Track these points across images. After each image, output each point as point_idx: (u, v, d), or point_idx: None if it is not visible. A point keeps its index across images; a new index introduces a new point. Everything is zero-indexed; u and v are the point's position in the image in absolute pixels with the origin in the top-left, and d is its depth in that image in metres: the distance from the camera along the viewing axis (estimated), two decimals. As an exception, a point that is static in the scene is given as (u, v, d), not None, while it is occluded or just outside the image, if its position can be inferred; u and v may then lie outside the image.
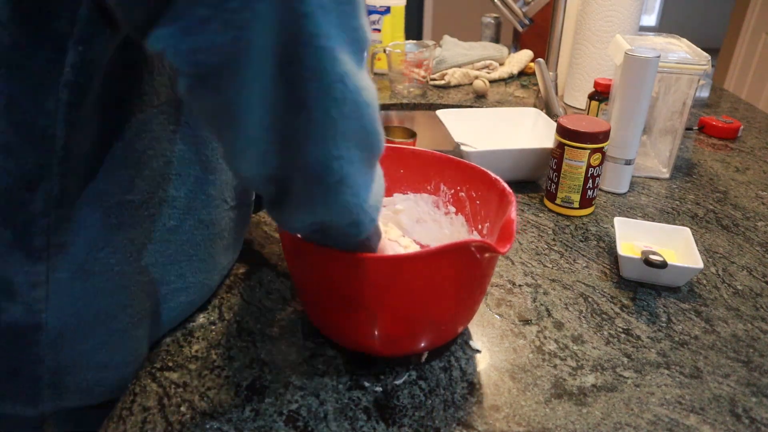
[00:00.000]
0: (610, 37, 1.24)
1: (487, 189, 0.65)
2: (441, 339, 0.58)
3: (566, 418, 0.51)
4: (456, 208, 0.70)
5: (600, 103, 1.09)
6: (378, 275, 0.50)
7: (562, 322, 0.64)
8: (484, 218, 0.66)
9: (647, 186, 0.97)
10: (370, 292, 0.52)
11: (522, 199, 0.92)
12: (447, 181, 0.70)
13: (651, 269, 0.68)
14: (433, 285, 0.52)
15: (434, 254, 0.49)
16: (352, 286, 0.51)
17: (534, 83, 1.56)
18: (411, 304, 0.53)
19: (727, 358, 0.59)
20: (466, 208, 0.69)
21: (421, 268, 0.50)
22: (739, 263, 0.76)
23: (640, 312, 0.66)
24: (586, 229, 0.83)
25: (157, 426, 0.50)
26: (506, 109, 1.07)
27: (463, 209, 0.70)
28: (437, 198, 0.72)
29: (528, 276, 0.72)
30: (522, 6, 1.44)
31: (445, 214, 0.72)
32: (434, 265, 0.51)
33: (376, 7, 1.53)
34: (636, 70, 0.85)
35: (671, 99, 0.97)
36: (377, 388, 0.54)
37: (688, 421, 0.51)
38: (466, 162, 0.68)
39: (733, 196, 0.94)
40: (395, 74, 1.39)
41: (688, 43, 0.99)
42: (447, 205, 0.71)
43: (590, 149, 0.82)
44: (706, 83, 1.54)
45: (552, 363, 0.58)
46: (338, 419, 0.51)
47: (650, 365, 0.58)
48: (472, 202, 0.68)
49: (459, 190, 0.69)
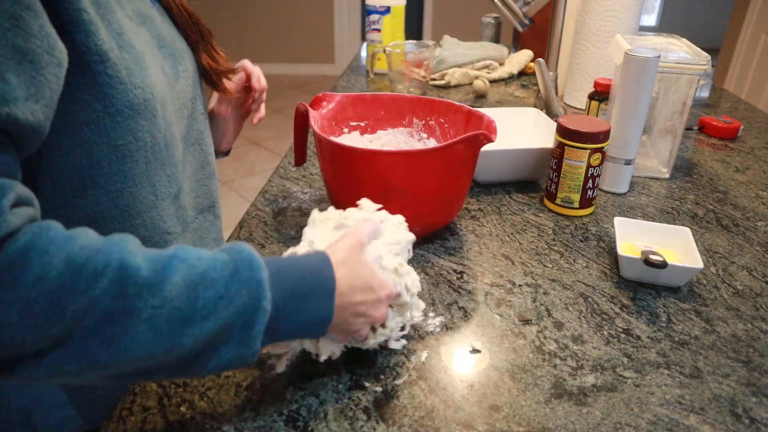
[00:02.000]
0: (610, 37, 1.24)
1: (453, 114, 0.86)
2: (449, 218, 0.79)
3: (566, 418, 0.51)
4: (428, 134, 0.90)
5: (600, 103, 1.09)
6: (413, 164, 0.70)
7: (562, 322, 0.64)
8: (453, 136, 0.85)
9: (647, 186, 0.97)
10: (408, 179, 0.70)
11: (522, 199, 0.92)
12: (418, 115, 0.90)
13: (651, 269, 0.68)
14: (452, 168, 0.72)
15: (457, 143, 0.69)
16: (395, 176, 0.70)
17: (534, 83, 1.56)
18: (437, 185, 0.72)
19: (727, 358, 0.59)
20: (436, 132, 0.89)
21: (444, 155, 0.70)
22: (739, 263, 0.76)
23: (640, 312, 0.66)
24: (586, 229, 0.83)
25: (157, 426, 0.50)
26: (506, 109, 1.07)
27: (434, 134, 0.89)
28: (411, 129, 0.91)
29: (528, 276, 0.72)
30: (522, 6, 1.44)
31: (418, 140, 0.90)
32: (454, 152, 0.70)
33: (376, 7, 1.53)
34: (636, 70, 0.85)
35: (671, 99, 0.97)
36: (377, 388, 0.54)
37: (688, 421, 0.51)
38: (432, 98, 0.88)
39: (733, 196, 0.94)
40: (395, 74, 1.38)
41: (688, 43, 0.99)
42: (420, 133, 0.90)
43: (590, 149, 0.82)
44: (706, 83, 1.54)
45: (552, 363, 0.58)
46: (338, 419, 0.51)
47: (650, 365, 0.58)
48: (441, 126, 0.88)
49: (429, 120, 0.89)
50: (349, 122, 0.89)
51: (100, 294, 0.38)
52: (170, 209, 0.62)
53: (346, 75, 1.64)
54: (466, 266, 0.74)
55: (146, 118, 0.55)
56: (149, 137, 0.56)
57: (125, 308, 0.38)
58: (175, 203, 0.63)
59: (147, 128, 0.55)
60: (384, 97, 0.90)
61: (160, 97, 0.57)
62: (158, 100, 0.56)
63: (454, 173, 0.74)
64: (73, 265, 0.37)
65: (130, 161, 0.55)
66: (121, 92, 0.52)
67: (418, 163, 0.70)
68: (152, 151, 0.57)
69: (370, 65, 1.56)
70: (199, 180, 0.70)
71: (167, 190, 0.61)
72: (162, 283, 0.39)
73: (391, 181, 0.70)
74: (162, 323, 0.39)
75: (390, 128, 0.91)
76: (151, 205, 0.59)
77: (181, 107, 0.64)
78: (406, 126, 0.91)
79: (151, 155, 0.57)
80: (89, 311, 0.37)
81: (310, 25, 4.85)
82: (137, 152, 0.55)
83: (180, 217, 0.64)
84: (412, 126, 0.90)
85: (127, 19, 0.55)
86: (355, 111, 0.89)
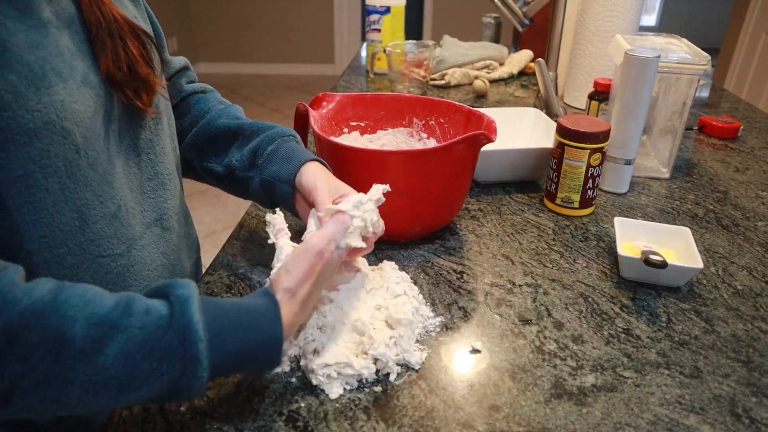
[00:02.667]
0: (610, 37, 1.24)
1: (453, 114, 0.85)
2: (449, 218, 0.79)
3: (566, 418, 0.51)
4: (428, 134, 0.90)
5: (600, 103, 1.09)
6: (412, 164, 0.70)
7: (562, 322, 0.64)
8: (453, 136, 0.85)
9: (647, 186, 0.97)
10: (408, 179, 0.70)
11: (522, 199, 0.92)
12: (418, 115, 0.89)
13: (651, 269, 0.68)
14: (453, 168, 0.73)
15: (457, 143, 0.69)
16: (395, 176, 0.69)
17: (534, 83, 1.56)
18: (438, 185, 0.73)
19: (727, 358, 0.59)
20: (436, 132, 0.89)
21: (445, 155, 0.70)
22: (739, 263, 0.76)
23: (640, 312, 0.66)
24: (586, 229, 0.83)
25: (157, 426, 0.50)
26: (506, 109, 1.07)
27: (434, 134, 0.89)
28: (411, 129, 0.91)
29: (528, 276, 0.72)
30: (522, 6, 1.44)
31: (419, 140, 0.90)
32: (455, 152, 0.70)
33: (376, 7, 1.53)
34: (636, 70, 0.85)
35: (671, 99, 0.97)
36: (377, 388, 0.54)
37: (688, 421, 0.51)
38: (432, 98, 0.87)
39: (733, 196, 0.94)
40: (395, 74, 1.38)
41: (688, 43, 0.99)
42: (420, 133, 0.90)
43: (590, 149, 0.82)
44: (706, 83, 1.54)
45: (552, 363, 0.58)
46: (338, 419, 0.51)
47: (650, 365, 0.58)
48: (441, 126, 0.88)
49: (429, 120, 0.89)
50: (349, 122, 0.89)
51: (36, 362, 0.39)
52: (106, 231, 0.56)
53: (346, 75, 1.64)
54: (466, 266, 0.74)
55: (51, 142, 0.48)
56: (61, 162, 0.50)
57: (61, 374, 0.40)
58: (114, 222, 0.57)
59: (54, 152, 0.49)
60: (384, 97, 0.90)
61: (74, 114, 0.50)
62: (69, 119, 0.49)
63: (454, 173, 0.74)
64: (11, 334, 0.39)
65: (38, 191, 0.49)
66: (7, 119, 0.45)
67: (417, 163, 0.70)
68: (69, 175, 0.51)
69: (370, 65, 1.56)
70: (145, 192, 0.63)
71: (99, 212, 0.55)
72: (97, 355, 0.41)
73: (390, 181, 0.70)
74: (99, 389, 0.41)
75: (390, 128, 0.91)
76: (77, 231, 0.53)
77: (120, 116, 0.58)
78: (406, 126, 0.91)
79: (68, 179, 0.51)
80: (27, 375, 0.40)
81: (310, 25, 4.86)
82: (46, 180, 0.49)
83: (122, 237, 0.58)
84: (412, 126, 0.90)
85: (23, 30, 0.47)
86: (355, 111, 0.89)
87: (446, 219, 0.79)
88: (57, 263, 0.52)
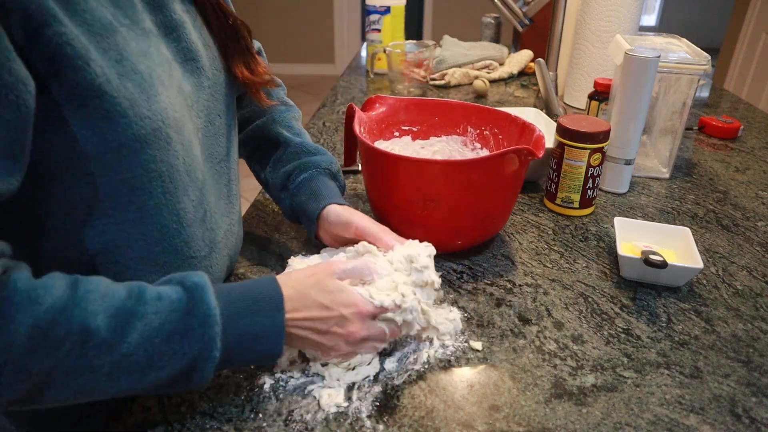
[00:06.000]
0: (610, 37, 1.24)
1: (508, 125, 0.82)
2: (491, 233, 0.77)
3: (566, 418, 0.51)
4: (481, 144, 0.86)
5: (600, 103, 1.09)
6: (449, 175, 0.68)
7: (562, 322, 0.64)
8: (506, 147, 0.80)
9: (647, 186, 0.97)
10: (445, 190, 0.68)
11: (522, 199, 0.92)
12: (473, 124, 0.86)
13: (651, 269, 0.68)
14: (494, 182, 0.70)
15: (499, 155, 0.66)
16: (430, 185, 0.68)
17: (534, 83, 1.56)
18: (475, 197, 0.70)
19: (727, 358, 0.59)
20: (490, 143, 0.85)
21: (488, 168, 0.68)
22: (739, 263, 0.76)
23: (640, 312, 0.66)
24: (586, 229, 0.83)
25: (157, 426, 0.50)
26: (506, 109, 1.06)
27: (487, 144, 0.86)
28: (465, 138, 0.87)
29: (528, 276, 0.72)
30: (522, 6, 1.44)
31: (471, 150, 0.87)
32: (494, 165, 0.68)
33: (376, 7, 1.53)
34: (636, 70, 0.85)
35: (671, 99, 0.97)
36: (377, 388, 0.54)
37: (688, 421, 0.51)
38: (489, 107, 0.85)
39: (733, 196, 0.94)
40: (395, 74, 1.39)
41: (688, 43, 0.99)
42: (473, 143, 0.87)
43: (590, 149, 0.82)
44: (706, 83, 1.54)
45: (552, 363, 0.58)
46: (338, 419, 0.51)
47: (650, 365, 0.58)
48: (495, 137, 0.84)
49: (483, 130, 0.86)
50: (401, 126, 0.87)
51: (64, 355, 0.42)
52: (197, 234, 0.58)
53: (346, 75, 1.64)
54: (466, 266, 0.74)
55: (158, 149, 0.50)
56: (165, 167, 0.51)
57: (88, 365, 0.43)
58: (203, 227, 0.59)
59: (160, 158, 0.51)
60: (440, 103, 0.87)
61: (175, 122, 0.52)
62: (172, 127, 0.51)
63: (495, 187, 0.71)
64: (38, 331, 0.41)
65: (142, 193, 0.51)
66: (123, 126, 0.47)
67: (454, 174, 0.68)
68: (170, 180, 0.52)
69: (370, 65, 1.56)
70: (222, 198, 0.64)
71: (193, 216, 0.56)
72: (120, 343, 0.43)
73: (426, 191, 0.68)
74: (122, 374, 0.44)
75: (444, 135, 0.88)
76: (174, 233, 0.55)
77: (204, 125, 0.60)
78: (461, 134, 0.87)
79: (170, 184, 0.53)
80: (56, 369, 0.42)
81: (310, 25, 4.85)
82: (151, 183, 0.51)
83: (207, 240, 0.60)
84: (466, 134, 0.87)
85: (134, 39, 0.49)
86: (408, 115, 0.87)
87: (488, 234, 0.76)
88: (152, 261, 0.54)
